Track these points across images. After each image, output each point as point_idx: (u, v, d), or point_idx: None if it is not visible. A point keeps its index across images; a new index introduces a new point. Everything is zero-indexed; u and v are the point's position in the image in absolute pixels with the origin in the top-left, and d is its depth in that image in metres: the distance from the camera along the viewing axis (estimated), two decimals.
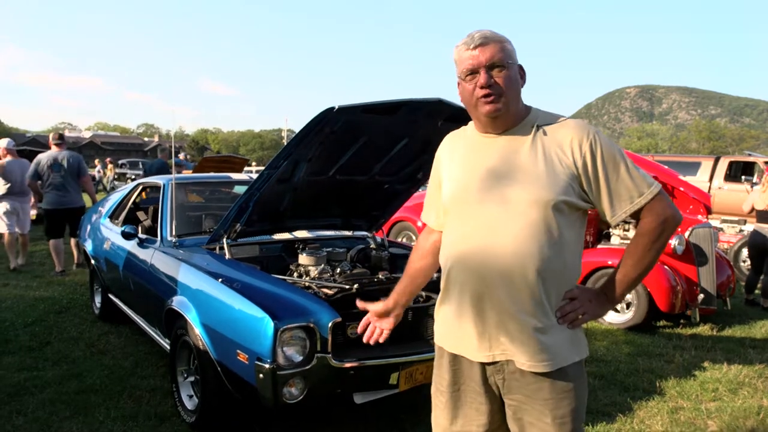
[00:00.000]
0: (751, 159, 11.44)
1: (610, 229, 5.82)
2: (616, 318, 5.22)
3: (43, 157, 6.74)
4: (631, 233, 5.64)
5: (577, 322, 1.56)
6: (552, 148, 1.52)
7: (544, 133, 1.55)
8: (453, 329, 1.64)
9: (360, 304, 1.95)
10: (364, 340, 1.90)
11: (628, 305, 5.16)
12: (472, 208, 1.56)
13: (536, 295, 1.49)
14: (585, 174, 1.51)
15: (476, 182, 1.57)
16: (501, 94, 1.51)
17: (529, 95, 1.64)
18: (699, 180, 10.73)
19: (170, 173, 8.66)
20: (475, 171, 1.58)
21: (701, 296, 5.15)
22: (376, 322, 1.90)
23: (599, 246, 5.70)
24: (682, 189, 5.71)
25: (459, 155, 1.67)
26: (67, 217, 6.81)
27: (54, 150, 6.84)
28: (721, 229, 8.99)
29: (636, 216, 1.55)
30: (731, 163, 11.17)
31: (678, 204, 5.89)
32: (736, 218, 8.92)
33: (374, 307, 1.89)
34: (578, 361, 1.57)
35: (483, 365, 1.60)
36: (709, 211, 5.79)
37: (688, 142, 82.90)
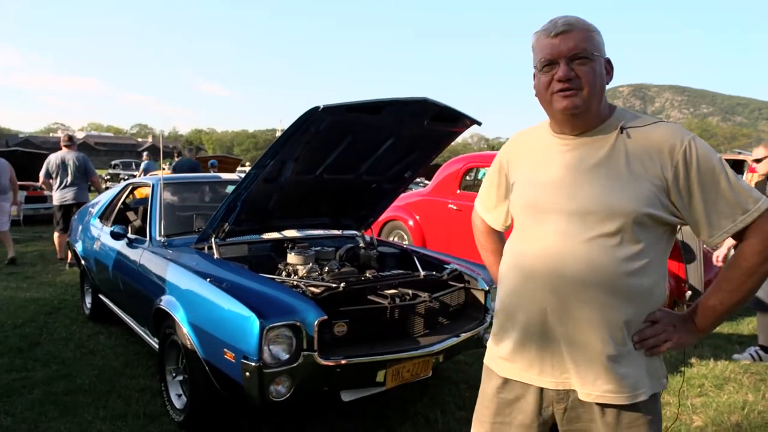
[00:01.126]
0: (740, 157, 11.52)
1: None
2: None
3: (53, 157, 7.38)
4: None
5: (656, 350, 1.37)
6: (637, 153, 1.34)
7: (629, 136, 1.36)
8: (510, 349, 1.47)
9: None
10: None
11: None
12: (543, 218, 1.40)
13: (611, 318, 1.33)
14: (676, 186, 1.32)
15: (548, 189, 1.41)
16: (581, 88, 1.34)
17: (517, 97, 1.29)
18: None
19: (199, 172, 8.67)
20: (547, 176, 1.42)
21: (689, 293, 5.18)
22: None
23: None
24: None
25: (529, 158, 1.51)
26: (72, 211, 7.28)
27: (63, 151, 7.46)
28: None
29: (738, 236, 1.35)
30: None
31: None
32: None
33: None
34: (653, 393, 1.39)
35: (541, 393, 1.44)
36: None
37: None
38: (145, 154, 14.68)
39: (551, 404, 1.44)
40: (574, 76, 1.33)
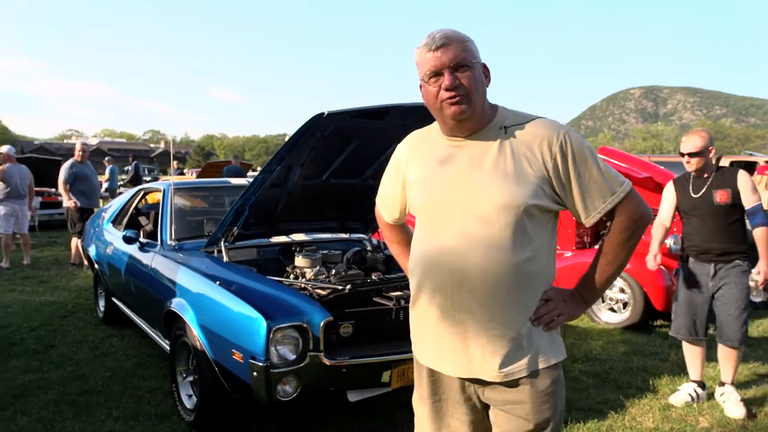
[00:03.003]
0: (752, 158, 11.43)
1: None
2: (612, 317, 5.26)
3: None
4: None
5: (553, 324, 1.52)
6: (521, 150, 1.47)
7: (513, 135, 1.49)
8: (426, 342, 1.60)
9: None
10: None
11: (625, 305, 5.21)
12: (441, 216, 1.51)
13: (510, 303, 1.46)
14: (556, 175, 1.46)
15: (444, 189, 1.52)
16: (467, 94, 1.45)
17: (530, 97, 1.42)
18: None
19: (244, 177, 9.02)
20: (442, 177, 1.53)
21: None
22: None
23: (596, 246, 5.73)
24: None
25: (424, 159, 1.61)
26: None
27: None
28: None
29: (609, 216, 1.52)
30: (732, 163, 11.16)
31: None
32: None
33: None
34: (555, 364, 1.53)
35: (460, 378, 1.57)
36: None
37: None
38: (106, 159, 14.94)
39: (470, 385, 1.57)
40: (459, 83, 1.45)
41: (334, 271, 3.42)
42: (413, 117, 2.99)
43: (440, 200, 1.52)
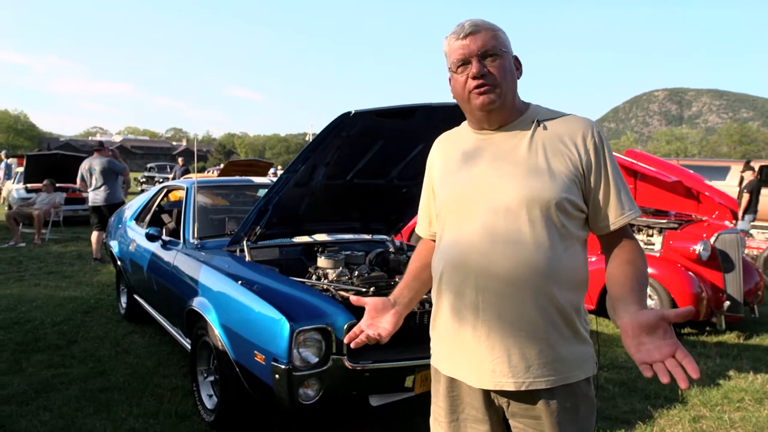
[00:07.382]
0: None
1: None
2: None
3: (84, 163, 7.94)
4: (655, 239, 5.56)
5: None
6: (554, 143, 1.41)
7: (545, 128, 1.43)
8: (449, 349, 1.49)
9: (354, 299, 1.69)
10: (352, 345, 1.61)
11: None
12: (470, 210, 1.42)
13: (543, 305, 1.35)
14: (588, 169, 1.40)
15: (474, 183, 1.44)
16: (495, 84, 1.39)
17: (551, 98, 1.26)
18: (728, 184, 10.50)
19: None
20: (472, 171, 1.45)
21: (727, 303, 5.04)
22: (370, 328, 1.59)
23: None
24: (707, 194, 5.60)
25: (454, 156, 1.53)
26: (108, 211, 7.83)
27: (93, 156, 7.99)
28: (751, 235, 8.78)
29: (613, 234, 1.43)
30: (762, 168, 10.90)
31: (703, 209, 5.78)
32: (766, 224, 8.71)
33: (371, 301, 1.63)
34: (585, 379, 1.43)
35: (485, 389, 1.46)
36: (735, 216, 5.66)
37: (718, 146, 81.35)
38: (2, 152, 14.82)
39: (496, 398, 1.47)
40: (488, 72, 1.39)
41: (356, 273, 3.38)
42: (441, 116, 2.94)
43: (464, 195, 1.44)
